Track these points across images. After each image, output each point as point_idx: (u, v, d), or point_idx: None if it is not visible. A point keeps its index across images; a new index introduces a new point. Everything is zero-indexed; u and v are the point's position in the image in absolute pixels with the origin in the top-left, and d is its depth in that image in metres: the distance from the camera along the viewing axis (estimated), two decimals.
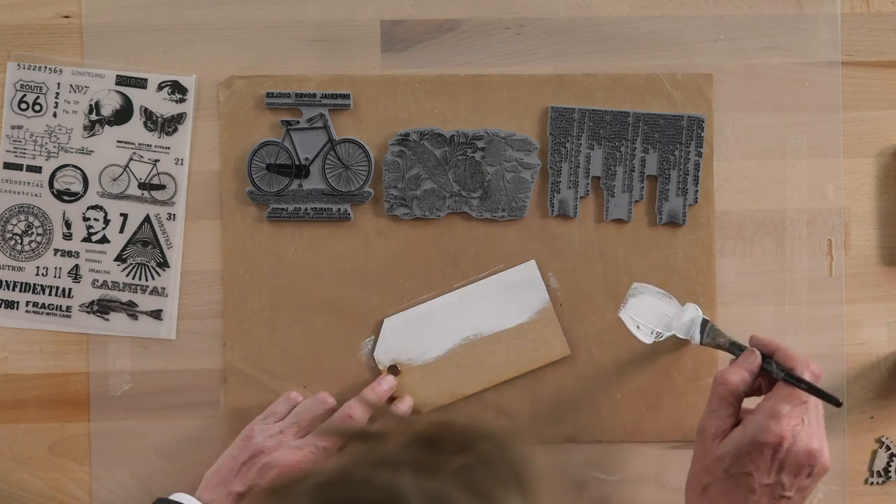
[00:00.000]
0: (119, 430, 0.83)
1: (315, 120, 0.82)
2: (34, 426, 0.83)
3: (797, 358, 0.71)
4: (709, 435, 0.69)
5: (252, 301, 0.83)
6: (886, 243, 0.85)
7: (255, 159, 0.82)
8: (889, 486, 0.85)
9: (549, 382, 0.83)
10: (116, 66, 0.83)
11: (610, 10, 0.84)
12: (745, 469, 0.67)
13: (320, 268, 0.83)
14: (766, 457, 0.66)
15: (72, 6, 0.83)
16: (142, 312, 0.83)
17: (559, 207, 0.83)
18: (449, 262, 0.83)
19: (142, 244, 0.83)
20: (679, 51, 0.84)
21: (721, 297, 0.84)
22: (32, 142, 0.83)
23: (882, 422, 0.85)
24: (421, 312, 0.83)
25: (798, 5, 0.84)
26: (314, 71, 0.83)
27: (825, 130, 0.84)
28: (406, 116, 0.83)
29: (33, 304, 0.83)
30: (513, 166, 0.83)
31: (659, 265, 0.83)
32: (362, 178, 0.82)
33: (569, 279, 0.83)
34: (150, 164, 0.83)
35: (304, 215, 0.83)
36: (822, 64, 0.84)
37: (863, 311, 0.85)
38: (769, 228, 0.84)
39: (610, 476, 0.84)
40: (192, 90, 0.83)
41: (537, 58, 0.84)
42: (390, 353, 0.82)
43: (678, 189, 0.83)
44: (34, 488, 0.82)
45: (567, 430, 0.83)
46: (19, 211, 0.83)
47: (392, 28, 0.83)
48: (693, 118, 0.83)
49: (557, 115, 0.83)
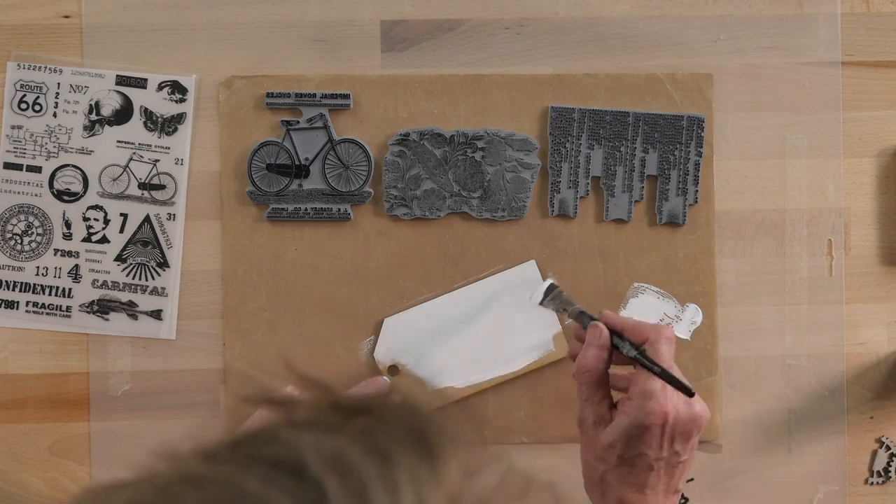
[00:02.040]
0: (119, 430, 0.83)
1: (315, 120, 0.82)
2: (34, 426, 0.83)
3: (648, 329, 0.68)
4: (589, 425, 0.69)
5: (252, 301, 0.83)
6: (886, 243, 0.85)
7: (255, 159, 0.82)
8: (889, 486, 0.85)
9: (549, 382, 0.83)
10: (116, 66, 0.83)
11: (610, 10, 0.84)
12: (638, 451, 0.66)
13: (320, 268, 0.83)
14: (655, 435, 0.66)
15: (72, 6, 0.83)
16: (142, 312, 0.83)
17: (559, 207, 0.83)
18: (449, 262, 0.83)
19: (142, 244, 0.83)
20: (679, 51, 0.84)
21: (721, 297, 0.84)
22: (32, 142, 0.83)
23: (882, 422, 0.85)
24: (421, 312, 0.83)
25: (798, 5, 0.84)
26: (314, 71, 0.83)
27: (825, 130, 0.84)
28: (406, 116, 0.83)
29: (33, 304, 0.83)
30: (513, 166, 0.83)
31: (659, 265, 0.83)
32: (362, 178, 0.82)
33: (569, 279, 0.83)
34: (150, 164, 0.83)
35: (304, 215, 0.83)
36: (822, 64, 0.84)
37: (863, 311, 0.85)
38: (769, 228, 0.84)
39: None
40: (192, 90, 0.83)
41: (537, 58, 0.84)
42: (390, 353, 0.82)
43: (678, 189, 0.83)
44: (34, 488, 0.82)
45: (567, 430, 0.83)
46: (19, 211, 0.83)
47: (392, 28, 0.83)
48: (693, 118, 0.83)
49: (557, 115, 0.83)
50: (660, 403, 0.65)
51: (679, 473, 0.68)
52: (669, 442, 0.66)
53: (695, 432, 0.67)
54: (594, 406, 0.69)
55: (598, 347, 0.69)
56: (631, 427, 0.66)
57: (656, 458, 0.66)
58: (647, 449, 0.66)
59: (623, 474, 0.67)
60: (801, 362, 0.84)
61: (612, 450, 0.67)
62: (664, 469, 0.67)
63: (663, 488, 0.67)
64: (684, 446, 0.67)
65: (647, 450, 0.66)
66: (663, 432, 0.66)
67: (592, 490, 0.70)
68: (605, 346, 0.69)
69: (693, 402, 0.67)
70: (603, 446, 0.67)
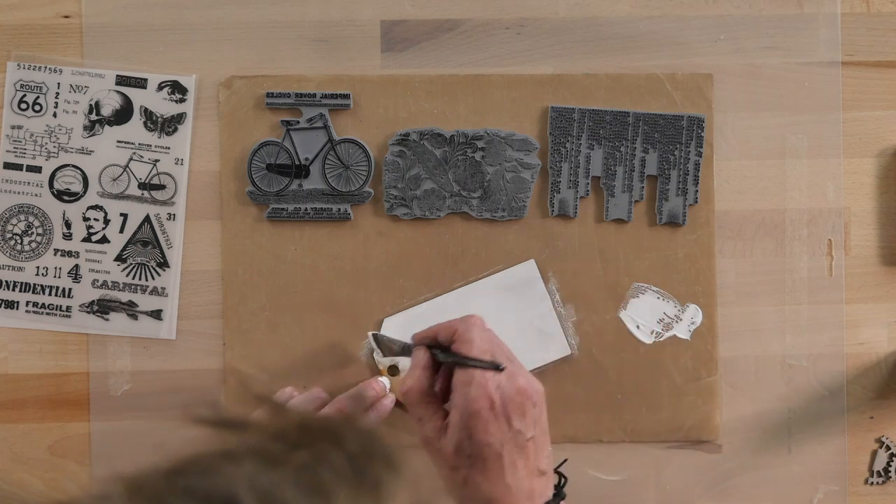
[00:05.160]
0: (119, 430, 0.83)
1: (315, 120, 0.82)
2: (34, 426, 0.83)
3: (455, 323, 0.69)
4: (432, 439, 0.68)
5: (252, 301, 0.83)
6: (886, 243, 0.85)
7: (255, 159, 0.82)
8: (889, 486, 0.85)
9: (549, 382, 0.83)
10: (116, 66, 0.83)
11: (610, 10, 0.84)
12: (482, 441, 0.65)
13: (320, 268, 0.83)
14: (489, 419, 0.65)
15: (72, 6, 0.83)
16: (142, 312, 0.83)
17: (559, 207, 0.83)
18: (449, 262, 0.83)
19: (142, 244, 0.83)
20: (679, 51, 0.84)
21: (721, 297, 0.84)
22: (32, 142, 0.83)
23: (882, 422, 0.85)
24: (421, 312, 0.83)
25: (798, 5, 0.84)
26: (314, 71, 0.83)
27: (825, 130, 0.84)
28: (406, 116, 0.83)
29: (33, 304, 0.83)
30: (513, 166, 0.83)
31: (659, 265, 0.83)
32: (362, 178, 0.82)
33: (569, 279, 0.83)
34: (150, 164, 0.83)
35: (304, 215, 0.83)
36: (822, 64, 0.84)
37: (863, 311, 0.85)
38: (769, 228, 0.84)
39: (610, 476, 0.84)
40: (192, 90, 0.83)
41: (537, 58, 0.84)
42: None
43: (678, 189, 0.83)
44: (34, 488, 0.82)
45: (567, 430, 0.83)
46: (19, 211, 0.83)
47: (392, 28, 0.83)
48: (693, 118, 0.83)
49: (557, 115, 0.83)
50: (479, 386, 0.65)
51: (533, 452, 0.66)
52: (506, 421, 0.65)
53: (528, 406, 0.66)
54: (431, 422, 0.68)
55: (418, 368, 0.69)
56: (463, 419, 0.65)
57: (500, 442, 0.65)
58: (488, 436, 0.65)
59: (479, 471, 0.66)
60: (801, 362, 0.84)
61: (460, 452, 0.66)
62: (515, 451, 0.66)
63: (524, 471, 0.66)
64: (524, 422, 0.66)
65: (488, 437, 0.65)
66: (495, 414, 0.65)
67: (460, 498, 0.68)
68: (425, 364, 0.69)
69: (516, 377, 0.66)
70: (450, 453, 0.66)
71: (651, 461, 0.84)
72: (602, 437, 0.84)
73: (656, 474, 0.84)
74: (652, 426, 0.83)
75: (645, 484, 0.84)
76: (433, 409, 0.69)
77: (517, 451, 0.66)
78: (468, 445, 0.66)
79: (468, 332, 0.68)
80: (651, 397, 0.83)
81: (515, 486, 0.65)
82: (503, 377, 0.66)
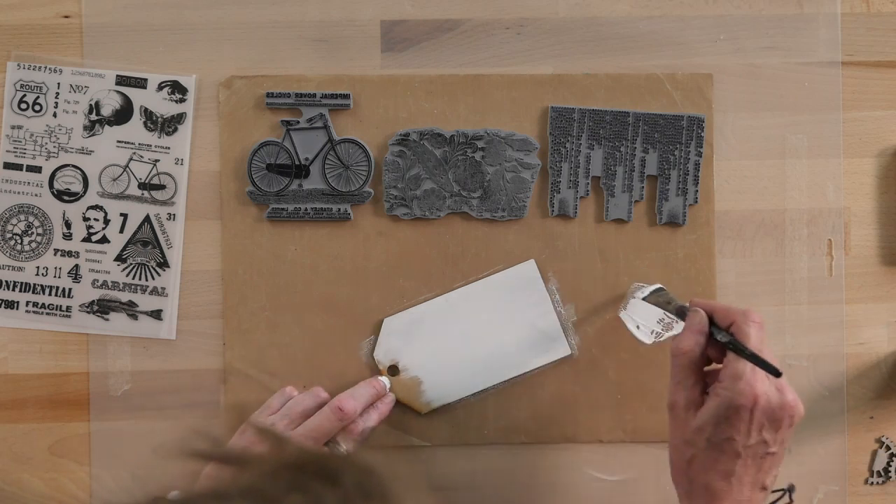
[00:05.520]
0: (119, 430, 0.83)
1: (315, 120, 0.82)
2: (34, 426, 0.83)
3: (735, 313, 0.70)
4: (680, 408, 0.69)
5: (252, 301, 0.83)
6: (886, 243, 0.85)
7: (255, 159, 0.82)
8: (889, 486, 0.85)
9: (549, 382, 0.83)
10: (116, 66, 0.83)
11: (610, 10, 0.84)
12: (727, 435, 0.67)
13: (320, 268, 0.83)
14: (744, 419, 0.66)
15: (72, 6, 0.83)
16: (142, 312, 0.83)
17: (559, 207, 0.83)
18: (449, 262, 0.83)
19: (142, 244, 0.83)
20: (679, 51, 0.84)
21: (721, 297, 0.84)
22: (32, 142, 0.83)
23: (882, 422, 0.85)
24: (421, 312, 0.83)
25: (798, 5, 0.84)
26: (314, 71, 0.83)
27: (825, 130, 0.84)
28: (406, 116, 0.83)
29: (33, 304, 0.83)
30: (513, 166, 0.83)
31: (659, 265, 0.83)
32: (362, 178, 0.82)
33: (569, 279, 0.83)
34: (150, 164, 0.83)
35: (304, 215, 0.83)
36: (822, 64, 0.84)
37: (863, 311, 0.85)
38: (769, 228, 0.84)
39: (610, 476, 0.84)
40: (192, 90, 0.83)
41: (537, 58, 0.84)
42: (390, 353, 0.82)
43: (678, 189, 0.83)
44: (34, 488, 0.82)
45: (567, 430, 0.83)
46: (19, 211, 0.83)
47: (392, 28, 0.83)
48: (693, 118, 0.83)
49: (557, 115, 0.83)
50: (749, 384, 0.66)
51: (767, 467, 0.68)
52: (758, 428, 0.67)
53: (785, 422, 0.67)
54: (687, 389, 0.69)
55: (696, 332, 0.70)
56: (721, 409, 0.66)
57: (744, 444, 0.67)
58: (736, 433, 0.66)
59: (710, 460, 0.67)
60: (801, 362, 0.84)
61: (702, 433, 0.67)
62: (752, 458, 0.67)
63: (750, 480, 0.67)
64: (773, 436, 0.67)
65: (736, 434, 0.66)
66: (752, 416, 0.66)
67: (679, 476, 0.70)
68: (704, 331, 0.70)
69: (784, 391, 0.67)
70: (693, 429, 0.68)
71: (651, 461, 0.84)
72: (602, 437, 0.84)
73: (656, 474, 0.84)
74: (652, 426, 0.83)
75: (645, 484, 0.84)
76: (694, 378, 0.70)
77: (753, 460, 0.67)
78: (712, 432, 0.67)
79: (746, 324, 0.69)
80: (651, 397, 0.83)
81: (737, 490, 0.67)
82: (773, 384, 0.67)
